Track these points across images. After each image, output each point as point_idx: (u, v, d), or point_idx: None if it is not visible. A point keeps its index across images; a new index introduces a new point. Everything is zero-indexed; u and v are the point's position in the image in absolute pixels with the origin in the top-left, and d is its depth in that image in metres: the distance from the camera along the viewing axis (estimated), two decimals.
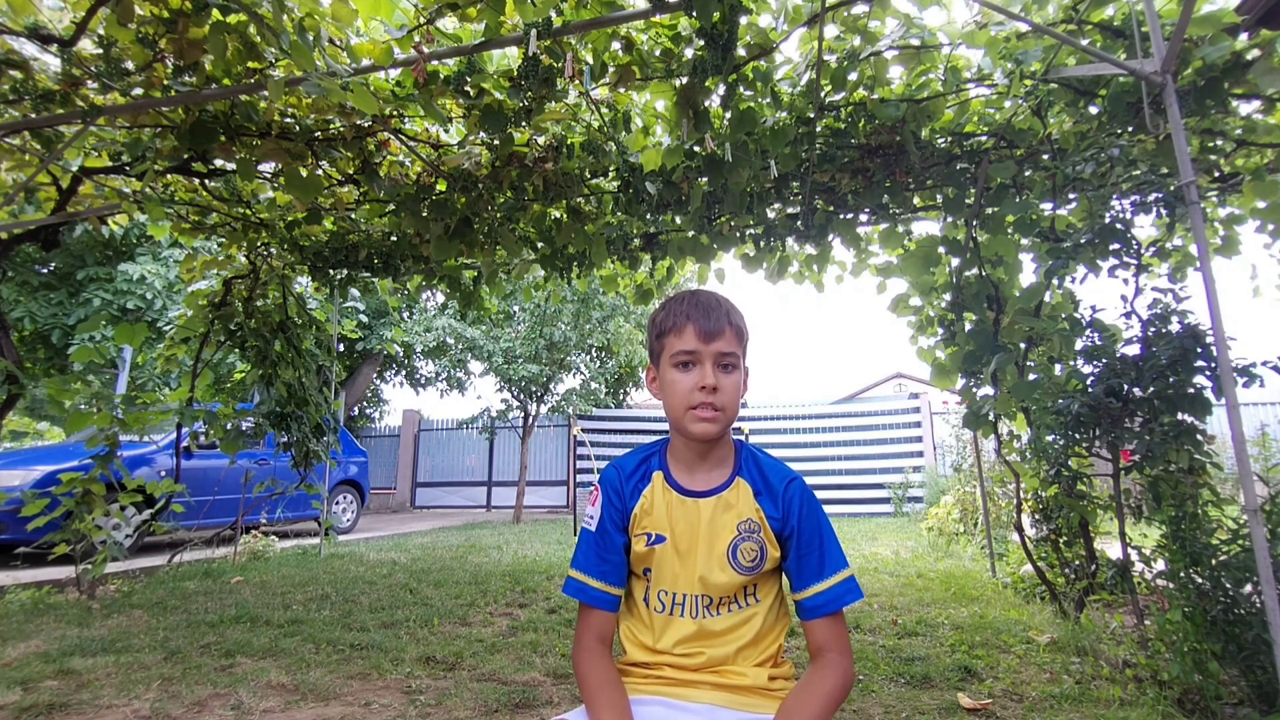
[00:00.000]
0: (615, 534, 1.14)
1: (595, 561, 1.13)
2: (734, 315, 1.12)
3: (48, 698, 2.41)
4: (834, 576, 1.07)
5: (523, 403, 10.42)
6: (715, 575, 1.09)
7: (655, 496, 1.14)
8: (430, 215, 3.74)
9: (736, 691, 1.07)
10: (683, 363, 1.09)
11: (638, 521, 1.14)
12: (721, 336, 1.08)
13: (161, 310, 10.61)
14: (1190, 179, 1.99)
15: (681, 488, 1.13)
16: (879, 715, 2.30)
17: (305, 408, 5.55)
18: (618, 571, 1.13)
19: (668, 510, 1.13)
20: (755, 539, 1.10)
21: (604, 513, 1.15)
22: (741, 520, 1.10)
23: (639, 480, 1.16)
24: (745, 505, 1.11)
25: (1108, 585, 3.07)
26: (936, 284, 4.03)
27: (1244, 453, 1.85)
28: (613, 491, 1.15)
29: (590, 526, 1.16)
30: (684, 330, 1.09)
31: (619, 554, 1.14)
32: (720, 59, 2.45)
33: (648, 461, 1.18)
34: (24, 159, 3.55)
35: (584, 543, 1.15)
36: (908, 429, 11.10)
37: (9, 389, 3.80)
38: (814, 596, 1.07)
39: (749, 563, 1.09)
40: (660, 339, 1.13)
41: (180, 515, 5.96)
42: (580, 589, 1.12)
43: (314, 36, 2.45)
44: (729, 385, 1.08)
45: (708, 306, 1.10)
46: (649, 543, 1.12)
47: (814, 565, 1.08)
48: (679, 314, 1.10)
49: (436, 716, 2.31)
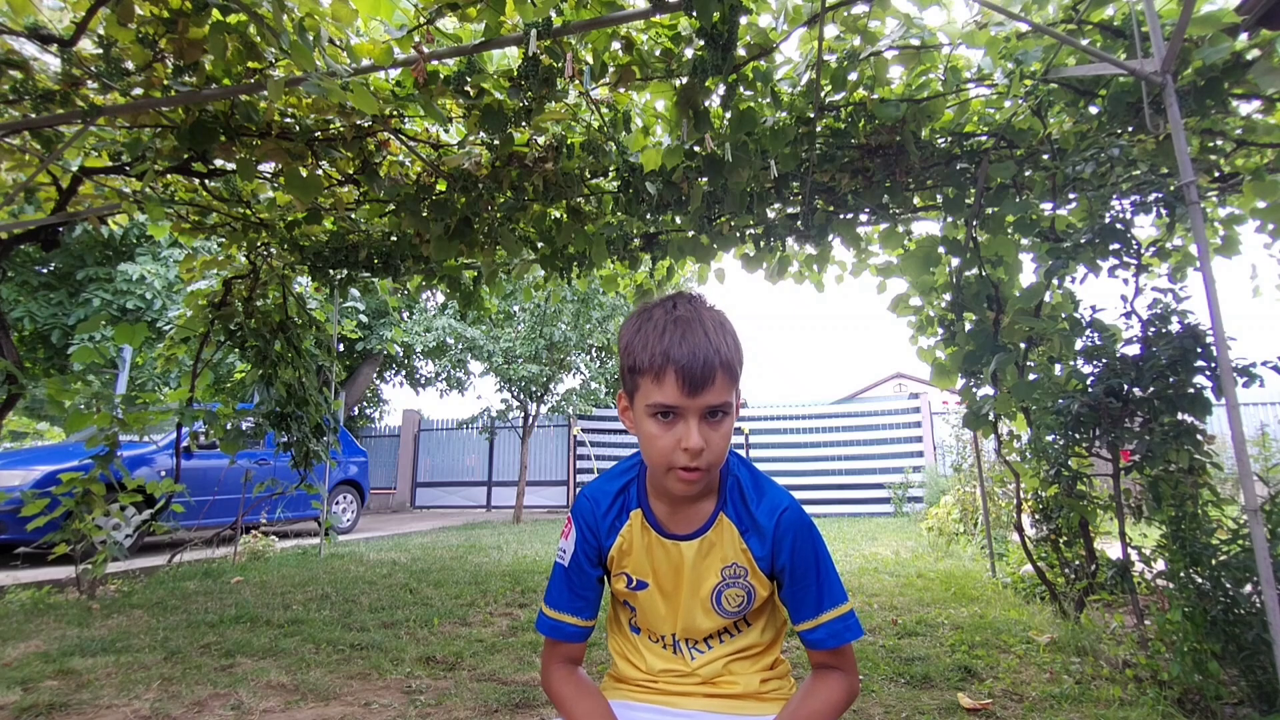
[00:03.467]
0: (589, 569, 1.07)
1: (569, 597, 1.07)
2: (725, 349, 0.91)
3: (48, 698, 2.41)
4: (831, 611, 0.99)
5: (523, 403, 10.43)
6: (699, 620, 1.04)
7: (634, 537, 1.05)
8: (430, 215, 3.75)
9: (729, 699, 1.06)
10: (662, 413, 0.91)
11: (616, 562, 1.07)
12: (710, 388, 0.89)
13: (161, 310, 10.61)
14: (1190, 179, 1.99)
15: (662, 530, 1.04)
16: (879, 715, 2.30)
17: (305, 408, 5.55)
18: (592, 606, 1.08)
19: (648, 552, 1.05)
20: (741, 584, 1.02)
21: (577, 548, 1.07)
22: (726, 565, 1.02)
23: (615, 517, 1.06)
24: (730, 547, 1.02)
25: (1108, 585, 3.06)
26: (936, 284, 4.04)
27: (1244, 453, 1.85)
28: (587, 528, 1.07)
29: (564, 561, 1.08)
30: (664, 378, 0.89)
31: (593, 588, 1.08)
32: (720, 59, 2.45)
33: (625, 493, 1.07)
34: (24, 159, 3.55)
35: (557, 578, 1.08)
36: (908, 429, 11.11)
37: (9, 389, 3.80)
38: (813, 630, 1.00)
39: (734, 608, 1.04)
40: (634, 375, 0.94)
41: (180, 515, 5.95)
42: (555, 627, 1.07)
43: (314, 36, 2.45)
44: (717, 439, 0.92)
45: (693, 345, 0.89)
46: (630, 586, 1.07)
47: (811, 600, 1.00)
48: (658, 353, 0.90)
49: (436, 716, 2.31)
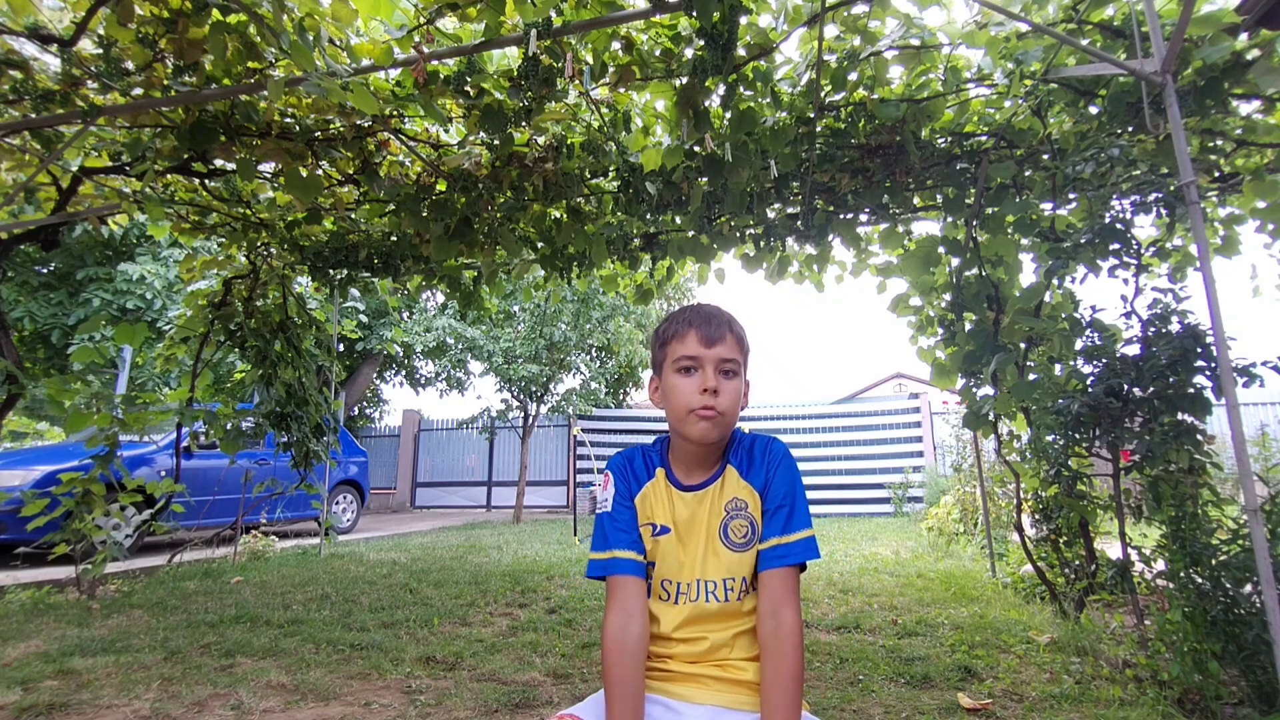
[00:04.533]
0: (629, 505, 1.20)
1: (614, 533, 1.17)
2: (735, 326, 1.18)
3: (48, 698, 2.41)
4: (798, 533, 1.13)
5: (523, 403, 10.42)
6: (711, 556, 1.15)
7: (658, 490, 1.21)
8: (430, 215, 3.74)
9: (739, 687, 1.10)
10: (685, 368, 1.15)
11: (641, 512, 1.20)
12: (723, 342, 1.14)
13: (161, 310, 10.61)
14: (1190, 179, 1.99)
15: (680, 483, 1.20)
16: (879, 715, 2.30)
17: (305, 408, 5.55)
18: (638, 543, 1.17)
19: (669, 503, 1.19)
20: (744, 515, 1.16)
21: (617, 489, 1.21)
22: (728, 500, 1.16)
23: (642, 472, 1.23)
24: (733, 486, 1.18)
25: (1108, 585, 3.06)
26: (936, 284, 4.04)
27: (1244, 453, 1.85)
28: (620, 475, 1.22)
29: (606, 508, 1.21)
30: (686, 336, 1.15)
31: (636, 527, 1.19)
32: (720, 59, 2.45)
33: (650, 457, 1.24)
34: (24, 159, 3.55)
35: (600, 524, 1.20)
36: (908, 429, 11.11)
37: (9, 389, 3.80)
38: (776, 547, 1.12)
39: (741, 539, 1.15)
40: (664, 347, 1.20)
41: (180, 515, 5.95)
42: (602, 565, 1.16)
43: (314, 36, 2.45)
44: (729, 390, 1.13)
45: (709, 315, 1.17)
46: (654, 533, 1.18)
47: (781, 520, 1.13)
48: (681, 322, 1.17)
49: (436, 716, 2.31)
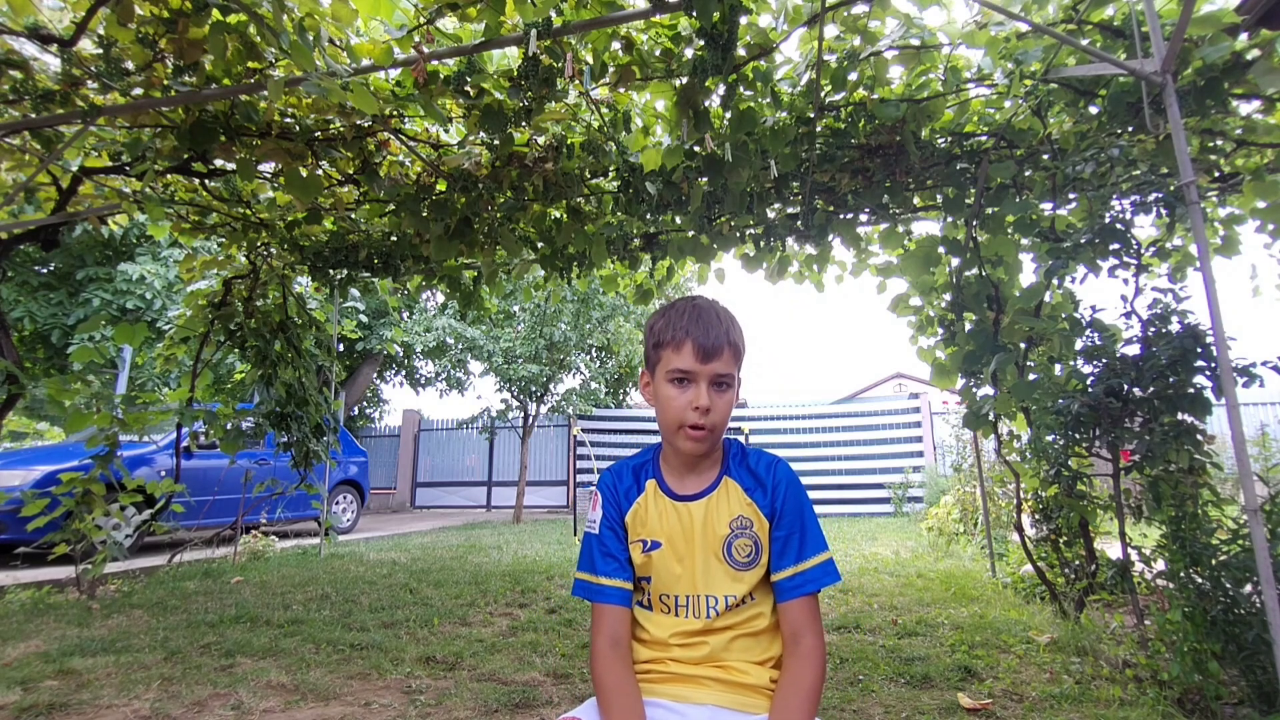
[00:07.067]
0: (618, 530, 1.18)
1: (601, 559, 1.15)
2: (733, 333, 1.12)
3: (48, 698, 2.41)
4: (813, 558, 1.10)
5: (523, 403, 10.42)
6: (713, 573, 1.11)
7: (649, 503, 1.17)
8: (430, 215, 3.74)
9: (739, 690, 1.07)
10: (678, 379, 1.10)
11: (632, 529, 1.17)
12: (719, 357, 1.09)
13: (161, 310, 10.60)
14: (1190, 179, 1.99)
15: (673, 493, 1.17)
16: (879, 715, 2.30)
17: (305, 408, 5.55)
18: (623, 568, 1.15)
19: (661, 516, 1.16)
20: (748, 534, 1.12)
21: (605, 513, 1.18)
22: (733, 518, 1.13)
23: (633, 487, 1.19)
24: (736, 503, 1.14)
25: (1108, 585, 3.07)
26: (936, 284, 4.03)
27: (1244, 453, 1.85)
28: (609, 496, 1.19)
29: (594, 530, 1.19)
30: (682, 347, 1.10)
31: (622, 550, 1.17)
32: (720, 59, 2.45)
33: (642, 469, 1.21)
34: (24, 159, 3.55)
35: (588, 545, 1.18)
36: (908, 429, 11.10)
37: (9, 389, 3.80)
38: (792, 577, 1.09)
39: (744, 558, 1.12)
40: (658, 349, 1.14)
41: (180, 515, 5.96)
42: (588, 588, 1.15)
43: (314, 36, 2.45)
44: (721, 405, 1.10)
45: (708, 323, 1.10)
46: (645, 549, 1.15)
47: (794, 547, 1.10)
48: (679, 328, 1.11)
49: (436, 716, 2.31)
